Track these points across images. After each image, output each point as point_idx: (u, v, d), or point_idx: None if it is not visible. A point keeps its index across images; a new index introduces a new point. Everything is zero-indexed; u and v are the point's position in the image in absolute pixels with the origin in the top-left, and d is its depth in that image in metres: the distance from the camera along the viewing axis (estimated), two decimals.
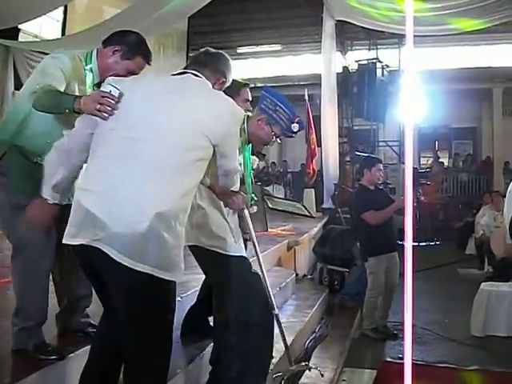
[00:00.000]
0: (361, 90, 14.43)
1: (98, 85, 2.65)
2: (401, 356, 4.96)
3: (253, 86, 14.35)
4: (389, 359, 4.99)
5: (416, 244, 7.04)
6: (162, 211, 2.06)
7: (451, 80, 15.33)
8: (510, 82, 15.51)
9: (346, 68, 15.15)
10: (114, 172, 2.12)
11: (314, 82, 12.88)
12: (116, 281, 2.13)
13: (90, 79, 2.70)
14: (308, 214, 7.33)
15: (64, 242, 2.19)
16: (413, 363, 4.31)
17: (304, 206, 7.64)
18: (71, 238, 2.14)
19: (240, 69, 16.80)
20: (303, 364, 3.57)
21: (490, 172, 16.93)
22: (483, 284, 6.13)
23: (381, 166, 5.95)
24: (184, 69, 2.44)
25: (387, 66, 14.92)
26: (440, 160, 18.55)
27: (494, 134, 16.97)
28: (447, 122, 17.64)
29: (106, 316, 2.37)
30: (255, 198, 3.33)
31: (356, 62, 14.99)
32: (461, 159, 18.42)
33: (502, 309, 5.67)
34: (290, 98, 3.47)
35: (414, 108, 1.08)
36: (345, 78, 14.66)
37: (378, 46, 15.15)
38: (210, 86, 2.39)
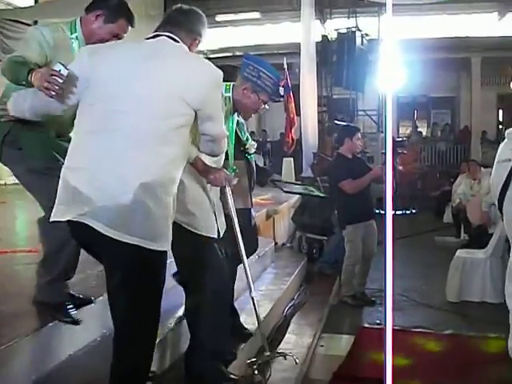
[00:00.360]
0: (340, 59, 14.34)
1: None
2: (378, 322, 5.05)
3: (231, 54, 14.29)
4: (366, 325, 5.08)
5: (393, 213, 7.12)
6: (146, 181, 2.06)
7: (430, 49, 15.31)
8: (488, 51, 15.54)
9: (325, 37, 15.03)
10: (97, 147, 2.12)
11: (293, 50, 12.76)
12: (105, 253, 2.16)
13: (76, 47, 2.69)
14: (321, 194, 7.41)
15: (52, 219, 2.19)
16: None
17: (313, 188, 7.76)
18: (60, 215, 2.15)
19: (219, 37, 16.60)
20: (278, 352, 3.59)
21: (468, 141, 17.08)
22: (459, 251, 6.23)
23: (360, 135, 5.97)
24: (157, 29, 2.36)
25: (366, 35, 14.83)
26: (418, 129, 18.65)
27: (472, 103, 17.08)
28: (426, 92, 17.70)
29: None
30: (236, 170, 3.29)
31: (335, 30, 14.86)
32: (439, 129, 18.54)
33: (476, 275, 5.78)
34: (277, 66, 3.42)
35: (393, 77, 1.07)
36: (324, 47, 14.57)
37: (358, 15, 15.02)
38: (186, 48, 2.34)
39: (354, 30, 14.50)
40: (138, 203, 2.04)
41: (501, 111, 18.66)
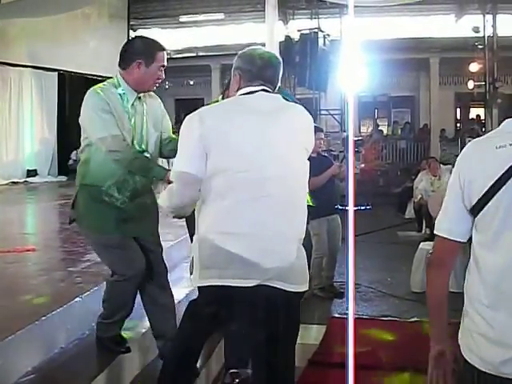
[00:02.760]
0: (303, 60, 14.61)
1: (139, 98, 2.93)
2: (346, 312, 5.27)
3: (195, 54, 14.38)
4: (336, 315, 5.30)
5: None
6: (301, 237, 2.30)
7: (390, 50, 15.72)
8: (446, 52, 16.03)
9: (288, 37, 15.27)
10: (256, 212, 2.19)
11: None
12: (287, 308, 2.30)
13: (125, 101, 2.86)
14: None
15: (206, 284, 2.22)
16: (359, 317, 4.62)
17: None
18: (216, 278, 2.19)
19: (182, 37, 16.69)
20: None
21: (427, 139, 17.59)
22: (422, 244, 6.51)
23: (322, 135, 6.17)
24: (244, 84, 2.36)
25: (328, 36, 15.14)
26: (379, 128, 19.08)
27: (431, 102, 17.59)
28: (386, 91, 18.11)
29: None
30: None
31: (298, 31, 15.12)
32: (399, 127, 19.01)
33: None
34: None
35: (355, 77, 1.16)
36: (287, 47, 14.78)
37: (320, 16, 15.32)
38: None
39: (316, 30, 14.79)
40: (299, 256, 2.27)
41: (458, 110, 19.25)
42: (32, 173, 13.21)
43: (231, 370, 3.24)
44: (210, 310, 2.35)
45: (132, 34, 16.32)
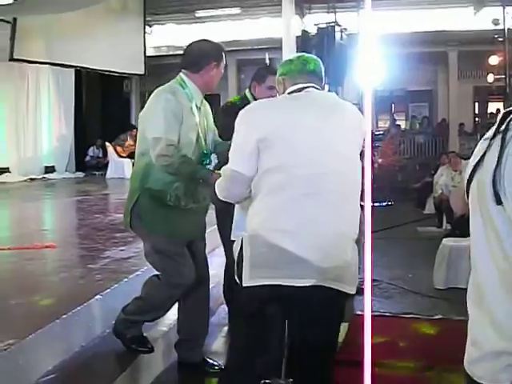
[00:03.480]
0: (320, 54, 14.35)
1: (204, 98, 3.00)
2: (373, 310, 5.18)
3: None
4: (359, 312, 5.20)
5: (372, 204, 7.33)
6: (356, 235, 2.23)
7: (408, 43, 15.52)
8: (464, 45, 15.80)
9: (305, 32, 15.11)
10: (312, 209, 2.12)
11: (274, 45, 12.85)
12: (337, 308, 2.29)
13: (193, 102, 2.91)
14: None
15: (257, 283, 2.14)
16: (381, 315, 4.52)
17: None
18: (268, 278, 2.11)
19: (198, 33, 16.61)
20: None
21: (446, 134, 17.36)
22: (444, 240, 6.40)
23: None
24: (293, 82, 2.35)
25: (346, 30, 14.96)
26: (397, 123, 18.89)
27: (450, 96, 17.34)
28: (404, 85, 17.91)
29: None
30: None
31: (315, 25, 14.97)
32: (417, 121, 18.81)
33: (462, 262, 5.94)
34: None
35: (372, 71, 1.14)
36: (304, 42, 14.63)
37: (337, 10, 15.15)
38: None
39: (333, 24, 14.62)
40: (353, 256, 2.21)
41: (477, 104, 18.99)
42: (50, 169, 13.28)
43: (265, 381, 3.21)
44: (261, 312, 2.23)
45: (148, 30, 16.34)
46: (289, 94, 2.30)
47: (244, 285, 2.17)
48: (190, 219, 2.92)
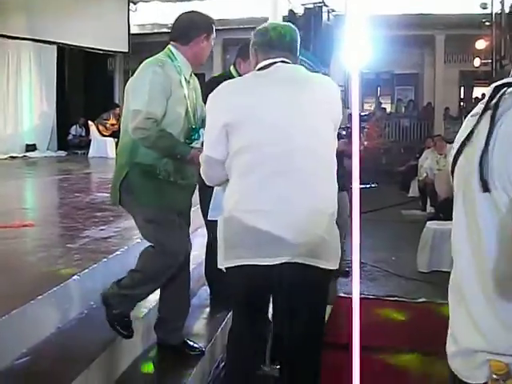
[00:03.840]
0: (307, 34, 14.24)
1: (191, 75, 2.90)
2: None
3: None
4: (342, 295, 5.18)
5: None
6: (333, 211, 2.20)
7: (395, 26, 15.40)
8: (452, 29, 15.72)
9: (291, 11, 14.94)
10: (282, 187, 2.10)
11: (260, 25, 12.67)
12: (318, 285, 2.25)
13: (183, 75, 2.82)
14: None
15: (237, 263, 2.15)
16: (365, 297, 4.50)
17: None
18: (247, 258, 2.12)
19: (184, 11, 16.34)
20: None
21: (431, 117, 17.36)
22: (429, 223, 6.39)
23: None
24: (263, 56, 2.30)
25: (333, 11, 14.81)
26: (382, 106, 18.85)
27: (436, 80, 17.31)
28: (390, 68, 17.82)
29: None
30: None
31: (302, 5, 14.80)
32: (403, 105, 18.78)
33: (446, 245, 5.93)
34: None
35: (359, 53, 1.11)
36: (291, 22, 14.48)
37: None
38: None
39: (320, 5, 14.46)
40: (330, 232, 2.18)
41: (462, 88, 18.99)
42: (31, 147, 13.05)
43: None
44: (245, 291, 2.26)
45: (132, 8, 16.05)
46: (258, 70, 2.28)
47: (219, 266, 2.21)
48: (179, 193, 2.86)
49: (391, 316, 4.65)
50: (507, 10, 12.36)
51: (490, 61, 13.62)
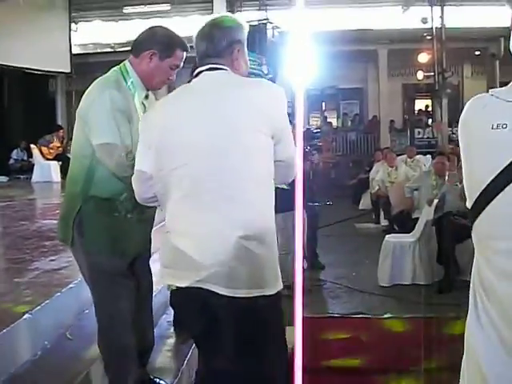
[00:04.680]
0: (252, 51, 14.33)
1: (146, 96, 2.55)
2: (317, 311, 5.04)
3: None
4: (308, 315, 5.05)
5: (311, 204, 7.31)
6: (246, 234, 1.93)
7: (338, 41, 15.64)
8: (394, 43, 16.09)
9: None
10: (189, 211, 1.99)
11: None
12: (226, 315, 1.99)
13: (137, 96, 2.49)
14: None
15: (164, 282, 2.10)
16: (330, 316, 4.37)
17: None
18: (170, 279, 2.04)
19: (127, 30, 16.13)
20: None
21: (377, 130, 17.66)
22: (387, 236, 6.36)
23: None
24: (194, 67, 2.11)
25: (277, 27, 14.90)
26: (328, 120, 19.05)
27: (380, 93, 17.65)
28: (335, 83, 18.07)
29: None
30: None
31: (246, 22, 14.80)
32: (349, 119, 19.05)
33: (406, 258, 5.92)
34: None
35: (304, 69, 1.09)
36: None
37: (268, 7, 15.06)
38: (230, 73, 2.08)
39: (264, 22, 14.52)
40: (241, 257, 1.93)
41: (406, 101, 19.43)
42: None
43: None
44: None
45: (73, 27, 15.69)
46: (188, 81, 2.18)
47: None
48: (137, 232, 2.55)
49: (357, 333, 4.55)
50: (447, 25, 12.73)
51: (432, 73, 13.97)
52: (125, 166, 2.32)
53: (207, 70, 2.03)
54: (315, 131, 13.03)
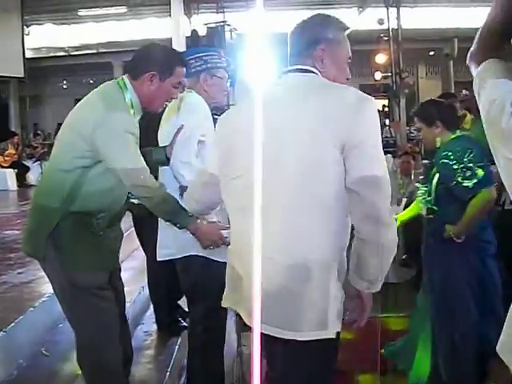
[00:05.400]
0: (210, 46, 14.25)
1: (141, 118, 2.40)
2: None
3: (94, 51, 13.66)
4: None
5: None
6: (296, 262, 1.65)
7: None
8: (351, 44, 16.06)
9: (194, 31, 14.84)
10: (243, 227, 1.74)
11: None
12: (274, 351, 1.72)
13: (136, 118, 2.35)
14: None
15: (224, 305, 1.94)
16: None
17: None
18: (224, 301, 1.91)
19: (81, 34, 15.84)
20: None
21: None
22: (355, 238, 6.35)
23: None
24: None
25: (236, 30, 14.87)
26: None
27: None
28: None
29: None
30: None
31: (204, 25, 14.75)
32: None
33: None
34: None
35: (262, 71, 1.08)
36: (194, 42, 14.37)
37: (226, 10, 15.03)
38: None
39: (222, 24, 14.47)
40: (278, 286, 1.65)
41: None
42: None
43: None
44: None
45: (26, 31, 15.29)
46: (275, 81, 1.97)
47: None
48: (111, 246, 2.46)
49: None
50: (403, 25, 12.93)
51: (389, 74, 14.16)
52: (146, 188, 2.29)
53: (292, 71, 1.86)
54: None
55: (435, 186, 2.98)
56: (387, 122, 17.74)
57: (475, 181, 2.80)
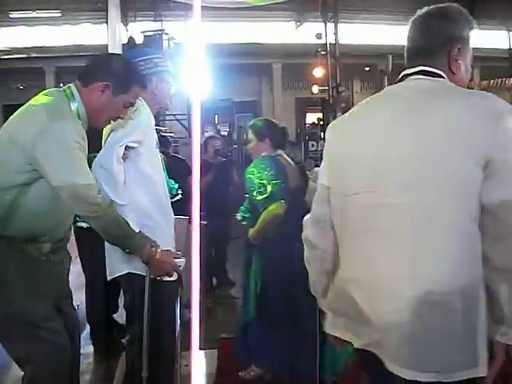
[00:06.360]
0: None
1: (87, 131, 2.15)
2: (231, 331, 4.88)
3: (25, 56, 13.14)
4: (224, 336, 4.88)
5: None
6: (436, 299, 1.45)
7: (233, 55, 15.78)
8: (288, 57, 16.50)
9: (132, 39, 14.60)
10: (362, 251, 1.56)
11: (97, 52, 12.15)
12: None
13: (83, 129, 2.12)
14: None
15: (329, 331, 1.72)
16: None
17: None
18: (340, 331, 1.68)
19: (12, 37, 15.25)
20: None
21: None
22: None
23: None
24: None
25: (173, 38, 14.74)
26: (222, 133, 19.10)
27: (274, 107, 17.98)
28: (229, 96, 18.16)
29: None
30: None
31: (142, 33, 14.54)
32: (244, 132, 19.15)
33: None
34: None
35: (199, 81, 1.13)
36: (130, 50, 14.15)
37: (164, 18, 14.89)
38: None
39: (160, 33, 14.32)
40: (427, 327, 1.46)
41: (298, 114, 19.95)
42: None
43: None
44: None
45: None
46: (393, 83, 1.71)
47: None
48: (51, 271, 2.20)
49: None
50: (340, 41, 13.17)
51: (326, 88, 14.39)
52: (95, 206, 2.05)
53: (416, 73, 1.61)
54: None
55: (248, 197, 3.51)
56: (322, 135, 18.05)
57: (265, 195, 3.28)
